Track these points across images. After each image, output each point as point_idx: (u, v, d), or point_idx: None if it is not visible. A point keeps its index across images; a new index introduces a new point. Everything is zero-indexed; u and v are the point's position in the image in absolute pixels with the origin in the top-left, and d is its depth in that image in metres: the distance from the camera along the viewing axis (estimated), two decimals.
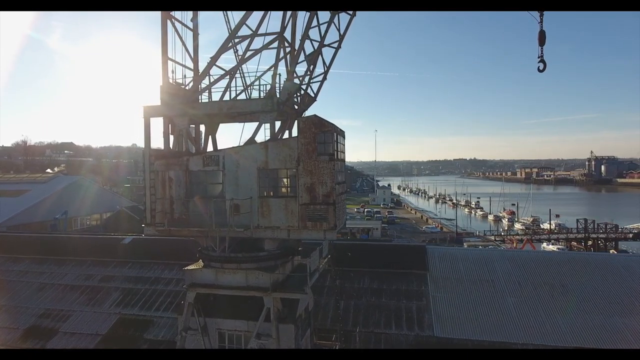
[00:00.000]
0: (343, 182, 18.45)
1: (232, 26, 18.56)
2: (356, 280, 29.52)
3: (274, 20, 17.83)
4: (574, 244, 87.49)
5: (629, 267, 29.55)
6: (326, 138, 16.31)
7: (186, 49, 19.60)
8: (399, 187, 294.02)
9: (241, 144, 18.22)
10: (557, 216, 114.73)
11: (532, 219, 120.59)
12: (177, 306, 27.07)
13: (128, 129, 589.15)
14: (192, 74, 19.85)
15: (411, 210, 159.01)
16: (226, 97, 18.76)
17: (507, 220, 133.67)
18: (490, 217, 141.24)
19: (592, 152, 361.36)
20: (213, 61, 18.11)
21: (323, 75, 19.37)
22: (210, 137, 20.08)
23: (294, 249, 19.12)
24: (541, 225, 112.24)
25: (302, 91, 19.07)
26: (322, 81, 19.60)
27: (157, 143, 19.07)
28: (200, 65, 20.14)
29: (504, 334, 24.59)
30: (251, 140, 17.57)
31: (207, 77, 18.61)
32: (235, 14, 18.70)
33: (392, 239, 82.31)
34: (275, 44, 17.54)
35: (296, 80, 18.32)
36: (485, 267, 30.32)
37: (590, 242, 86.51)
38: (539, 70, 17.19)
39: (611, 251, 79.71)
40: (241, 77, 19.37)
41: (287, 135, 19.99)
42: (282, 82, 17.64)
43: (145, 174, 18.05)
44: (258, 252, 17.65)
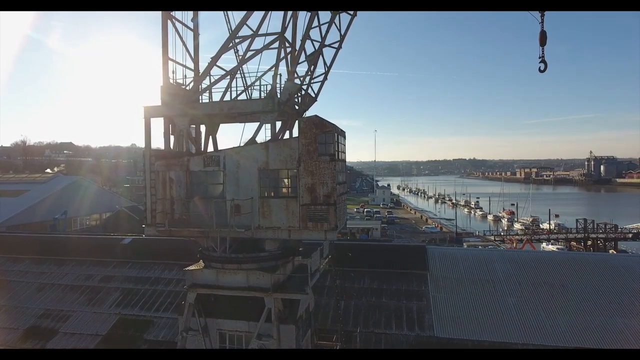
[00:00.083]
0: (344, 183, 18.44)
1: (232, 26, 18.53)
2: (356, 280, 29.52)
3: (274, 20, 17.81)
4: (574, 244, 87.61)
5: (628, 267, 29.58)
6: (327, 138, 16.29)
7: (186, 49, 19.58)
8: (399, 187, 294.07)
9: (242, 145, 18.20)
10: (557, 216, 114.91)
11: (531, 219, 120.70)
12: (177, 306, 27.04)
13: (127, 129, 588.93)
14: (192, 74, 19.83)
15: (411, 210, 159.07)
16: (227, 98, 18.71)
17: (506, 220, 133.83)
18: (490, 217, 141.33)
19: (591, 152, 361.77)
20: (214, 61, 18.06)
21: (324, 75, 19.35)
22: (211, 138, 20.04)
23: (294, 249, 19.10)
24: (541, 225, 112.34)
25: (302, 91, 19.05)
26: (323, 81, 19.58)
27: (158, 143, 19.09)
28: (201, 66, 20.14)
29: (504, 334, 24.61)
30: (252, 141, 17.54)
31: (208, 78, 18.57)
32: (236, 14, 18.68)
33: (391, 239, 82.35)
34: (276, 44, 17.48)
35: (297, 81, 18.29)
36: (486, 267, 30.34)
37: (589, 242, 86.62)
38: (540, 71, 17.16)
39: (610, 251, 79.82)
40: (242, 77, 19.34)
41: (287, 135, 19.96)
42: (282, 83, 17.63)
43: (146, 174, 18.02)
44: (259, 252, 17.62)
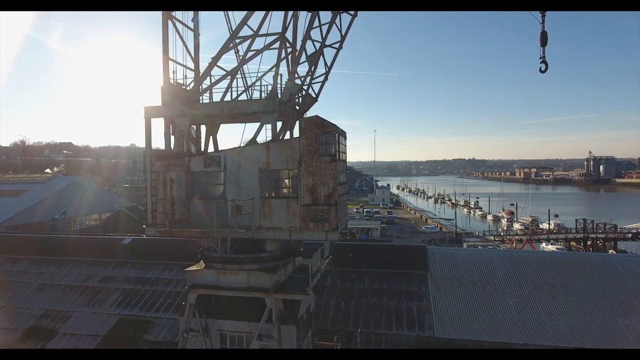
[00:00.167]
0: (344, 183, 18.42)
1: (233, 26, 18.52)
2: (357, 280, 29.49)
3: (275, 20, 17.78)
4: (573, 244, 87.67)
5: (629, 268, 29.58)
6: (328, 139, 16.27)
7: (187, 50, 19.55)
8: (398, 187, 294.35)
9: (242, 145, 18.18)
10: (556, 216, 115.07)
11: (531, 219, 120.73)
12: (178, 307, 26.99)
13: (127, 129, 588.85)
14: (192, 74, 19.81)
15: (410, 210, 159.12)
16: (227, 98, 18.69)
17: (506, 220, 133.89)
18: (489, 217, 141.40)
19: (590, 152, 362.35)
20: (214, 62, 18.03)
21: (324, 75, 19.34)
22: (211, 138, 20.02)
23: (295, 249, 19.07)
24: (540, 225, 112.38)
25: (303, 92, 19.04)
26: (324, 82, 19.56)
27: (158, 143, 19.06)
28: (201, 66, 20.11)
29: (504, 334, 24.59)
30: (253, 141, 17.52)
31: (209, 78, 18.54)
32: (236, 14, 18.67)
33: (391, 239, 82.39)
34: (276, 45, 17.45)
35: (298, 81, 18.27)
36: (486, 267, 30.32)
37: (589, 242, 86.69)
38: (541, 71, 17.14)
39: (610, 251, 79.92)
40: (242, 77, 19.32)
41: (288, 136, 19.94)
42: (283, 83, 17.61)
43: (147, 174, 17.99)
44: (260, 253, 17.60)
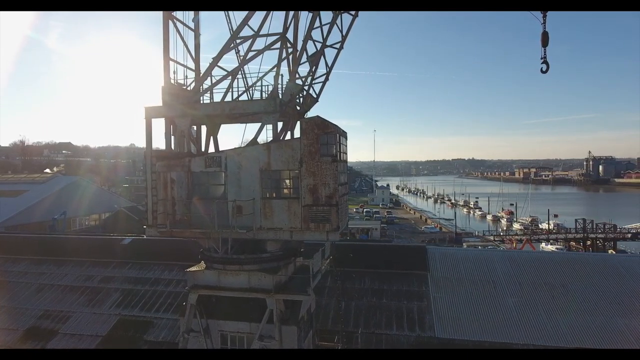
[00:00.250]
0: (345, 183, 18.41)
1: (233, 27, 18.50)
2: (357, 280, 29.49)
3: (276, 21, 17.77)
4: (573, 244, 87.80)
5: (629, 268, 29.60)
6: (329, 139, 16.26)
7: (188, 50, 19.51)
8: (398, 187, 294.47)
9: (243, 145, 18.16)
10: (556, 216, 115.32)
11: (530, 219, 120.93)
12: (178, 307, 26.95)
13: (126, 128, 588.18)
14: (193, 74, 19.78)
15: (410, 210, 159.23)
16: (228, 98, 18.67)
17: (505, 220, 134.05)
18: (489, 217, 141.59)
19: (590, 152, 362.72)
20: (215, 62, 18.01)
21: (325, 75, 19.31)
22: (212, 138, 20.00)
23: (296, 250, 19.06)
24: (540, 225, 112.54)
25: (304, 92, 19.02)
26: (325, 82, 19.53)
27: (159, 144, 19.05)
28: (201, 66, 20.08)
29: (505, 334, 24.60)
30: (253, 142, 17.50)
31: (209, 78, 18.51)
32: (237, 13, 18.66)
33: (391, 239, 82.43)
34: (277, 45, 17.44)
35: (298, 81, 18.26)
36: (486, 267, 30.33)
37: (588, 242, 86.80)
38: (542, 72, 17.14)
39: (610, 251, 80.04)
40: (243, 77, 19.29)
41: (288, 136, 19.91)
42: (284, 83, 17.59)
43: (147, 175, 17.96)
44: (260, 253, 17.58)
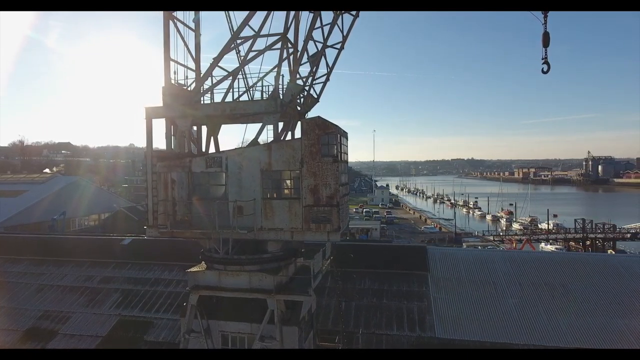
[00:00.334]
0: (346, 184, 18.41)
1: (234, 26, 18.49)
2: (357, 281, 29.45)
3: (276, 21, 17.74)
4: (572, 244, 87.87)
5: (629, 268, 29.59)
6: (330, 140, 16.26)
7: (188, 50, 19.47)
8: (397, 187, 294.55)
9: (244, 145, 18.14)
10: (555, 216, 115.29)
11: (530, 219, 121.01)
12: (178, 307, 26.94)
13: (125, 128, 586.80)
14: (193, 74, 19.74)
15: (410, 210, 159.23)
16: (228, 98, 18.66)
17: (505, 220, 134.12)
18: (489, 217, 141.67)
19: (589, 152, 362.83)
20: (215, 62, 17.99)
21: (326, 76, 19.32)
22: (212, 139, 19.99)
23: (297, 250, 19.04)
24: (539, 225, 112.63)
25: (305, 92, 19.00)
26: (325, 82, 19.54)
27: (159, 144, 19.02)
28: (202, 66, 20.04)
29: (505, 334, 24.57)
30: (254, 142, 17.49)
31: (210, 78, 18.49)
32: (237, 13, 18.64)
33: (391, 239, 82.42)
34: (278, 45, 17.43)
35: (299, 82, 18.24)
36: (486, 267, 30.30)
37: (588, 242, 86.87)
38: (543, 72, 17.14)
39: (609, 251, 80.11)
40: (243, 78, 19.27)
41: (289, 136, 19.90)
42: (285, 83, 17.57)
43: (148, 175, 17.94)
44: (261, 254, 17.56)
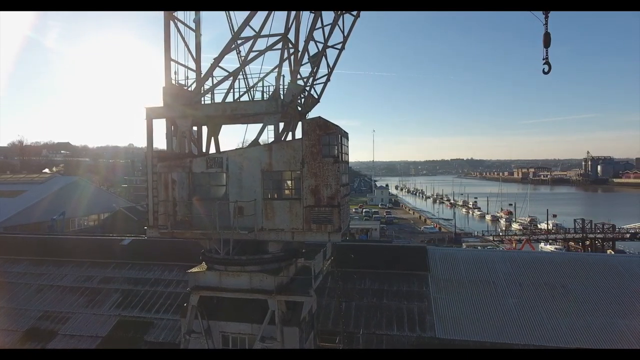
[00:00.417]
0: (347, 184, 18.39)
1: (234, 27, 18.49)
2: (357, 281, 29.45)
3: (277, 21, 17.73)
4: (572, 244, 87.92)
5: (629, 268, 29.61)
6: (331, 140, 16.25)
7: (189, 50, 19.45)
8: (397, 187, 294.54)
9: (244, 146, 18.12)
10: (554, 216, 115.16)
11: (529, 219, 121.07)
12: (178, 308, 26.92)
13: (125, 128, 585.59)
14: (194, 74, 19.72)
15: (409, 210, 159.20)
16: (229, 99, 18.64)
17: (504, 220, 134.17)
18: (488, 217, 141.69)
19: (588, 152, 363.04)
20: (216, 62, 17.97)
21: (327, 76, 19.31)
22: (213, 139, 19.96)
23: (297, 251, 19.02)
24: (538, 225, 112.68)
25: (305, 92, 18.98)
26: (326, 82, 19.52)
27: (158, 144, 18.99)
28: (202, 65, 20.02)
29: (505, 335, 24.59)
30: (255, 142, 17.46)
31: (210, 79, 18.46)
32: (238, 14, 18.63)
33: (391, 239, 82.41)
34: (279, 45, 17.41)
35: (300, 82, 18.22)
36: (486, 268, 30.31)
37: (587, 242, 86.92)
38: (544, 72, 17.12)
39: (608, 251, 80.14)
40: (244, 78, 19.26)
41: (290, 137, 19.88)
42: (286, 84, 17.55)
43: (148, 175, 17.92)
44: (262, 254, 17.54)
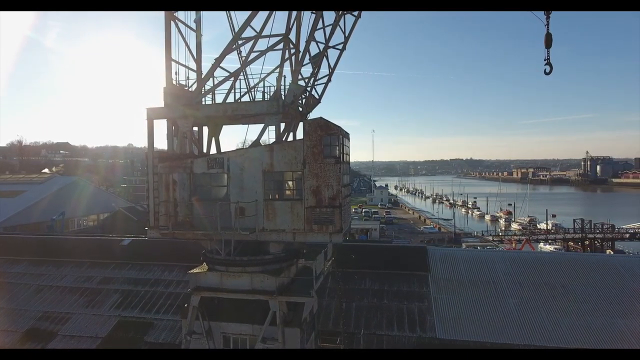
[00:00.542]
0: (348, 185, 18.37)
1: (235, 27, 18.48)
2: (357, 281, 29.44)
3: (278, 22, 17.74)
4: (571, 244, 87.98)
5: (629, 268, 29.63)
6: (332, 141, 16.24)
7: (189, 51, 19.42)
8: (396, 187, 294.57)
9: (242, 146, 18.11)
10: (554, 216, 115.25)
11: (528, 219, 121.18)
12: (178, 308, 26.86)
13: (124, 128, 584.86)
14: (194, 75, 19.69)
15: (409, 210, 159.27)
16: (230, 99, 18.61)
17: (504, 220, 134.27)
18: (487, 217, 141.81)
19: (587, 152, 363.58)
20: (217, 63, 17.94)
21: (328, 77, 19.30)
22: (214, 139, 19.94)
23: (299, 251, 18.99)
24: (538, 225, 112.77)
25: (306, 93, 18.96)
26: (327, 83, 19.51)
27: (158, 144, 18.96)
28: (203, 66, 19.99)
29: (506, 335, 24.59)
30: (256, 143, 17.44)
31: (211, 79, 18.43)
32: (239, 14, 18.61)
33: (390, 239, 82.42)
34: (280, 46, 17.39)
35: (301, 82, 18.19)
36: (487, 268, 30.31)
37: (587, 242, 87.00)
38: (546, 73, 17.08)
39: (608, 251, 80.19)
40: (245, 79, 19.24)
41: (290, 137, 19.85)
42: (287, 84, 17.53)
43: (149, 176, 17.88)
44: (263, 255, 17.52)
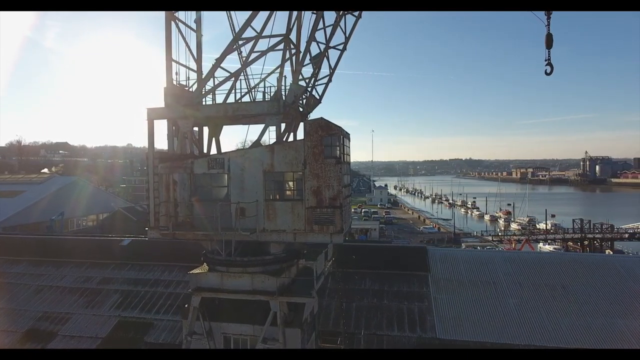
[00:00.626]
0: (349, 185, 18.36)
1: (235, 27, 18.45)
2: (358, 282, 29.44)
3: (278, 22, 17.69)
4: (571, 244, 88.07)
5: (629, 269, 29.67)
6: (333, 141, 16.23)
7: (190, 51, 19.39)
8: (396, 187, 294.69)
9: (243, 146, 18.10)
10: (553, 216, 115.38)
11: (528, 219, 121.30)
12: (178, 308, 26.83)
13: (123, 128, 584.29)
14: (195, 75, 19.67)
15: (408, 210, 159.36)
16: (230, 99, 18.59)
17: (503, 220, 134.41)
18: (487, 217, 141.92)
19: (586, 152, 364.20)
20: (218, 63, 17.92)
21: (328, 77, 19.29)
22: (214, 140, 19.92)
23: (299, 252, 18.98)
24: (537, 225, 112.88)
25: (307, 93, 18.95)
26: (328, 83, 19.51)
27: (158, 144, 18.94)
28: (203, 66, 19.97)
29: (506, 335, 24.62)
30: (257, 143, 17.43)
31: (212, 79, 18.41)
32: (239, 14, 18.59)
33: (390, 239, 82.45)
34: (280, 46, 17.36)
35: (302, 82, 18.18)
36: (487, 268, 30.34)
37: (586, 242, 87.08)
38: (547, 74, 17.07)
39: (607, 251, 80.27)
40: (245, 79, 19.22)
41: (291, 138, 19.84)
42: (287, 84, 17.52)
43: (149, 176, 17.86)
44: (264, 255, 17.50)
